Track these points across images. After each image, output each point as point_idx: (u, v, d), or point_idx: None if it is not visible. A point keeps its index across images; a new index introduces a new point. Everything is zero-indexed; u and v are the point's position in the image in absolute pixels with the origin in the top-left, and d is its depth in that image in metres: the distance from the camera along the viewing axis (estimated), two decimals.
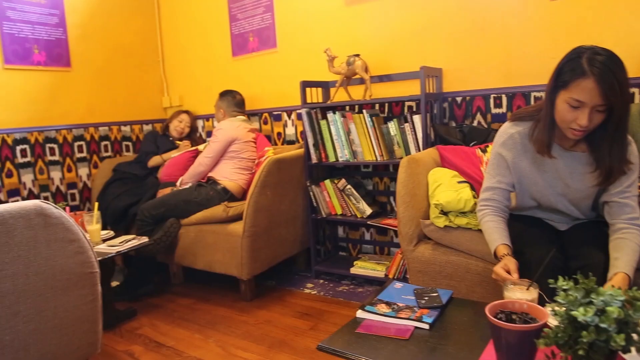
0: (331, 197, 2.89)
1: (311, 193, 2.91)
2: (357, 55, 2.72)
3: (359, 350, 1.26)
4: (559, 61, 1.45)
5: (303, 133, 2.85)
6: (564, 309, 1.01)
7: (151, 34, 3.99)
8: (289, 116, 3.33)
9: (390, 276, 2.69)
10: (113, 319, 2.54)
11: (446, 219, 1.91)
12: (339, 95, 2.95)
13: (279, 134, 3.42)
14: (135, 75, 3.87)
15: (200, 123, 3.87)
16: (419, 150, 2.49)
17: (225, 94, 3.24)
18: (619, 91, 1.34)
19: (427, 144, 2.51)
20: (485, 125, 2.57)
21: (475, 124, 2.62)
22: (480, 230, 1.88)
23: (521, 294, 1.26)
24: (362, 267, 2.83)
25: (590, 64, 1.35)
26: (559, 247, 1.64)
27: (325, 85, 3.04)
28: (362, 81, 2.74)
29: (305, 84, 2.87)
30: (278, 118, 3.39)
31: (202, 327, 2.47)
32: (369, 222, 2.68)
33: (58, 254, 1.57)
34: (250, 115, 3.51)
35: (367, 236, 3.12)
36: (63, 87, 3.38)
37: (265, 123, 3.46)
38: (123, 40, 3.76)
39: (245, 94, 3.34)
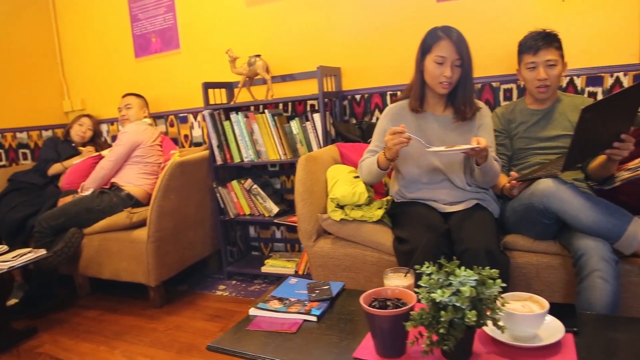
0: (239, 197, 2.89)
1: (218, 194, 2.89)
2: (258, 55, 2.75)
3: (247, 347, 1.28)
4: (422, 39, 1.88)
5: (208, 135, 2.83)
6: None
7: (47, 34, 3.77)
8: (195, 118, 3.29)
9: (300, 272, 2.73)
10: (10, 339, 2.39)
11: (342, 213, 1.98)
12: (243, 96, 2.96)
13: (185, 136, 3.36)
14: (31, 78, 3.64)
15: (104, 127, 3.73)
16: (322, 148, 2.56)
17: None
18: (466, 50, 1.81)
19: (328, 141, 2.58)
20: None
21: (374, 120, 2.73)
22: (374, 222, 1.98)
23: (399, 281, 1.34)
24: (273, 266, 2.86)
25: (444, 32, 1.82)
26: (444, 232, 1.77)
27: (229, 86, 3.04)
28: (265, 81, 2.76)
29: (208, 85, 2.85)
30: (184, 120, 3.34)
31: (108, 339, 2.39)
32: (275, 221, 2.71)
33: None
34: (156, 118, 3.42)
35: (278, 234, 3.15)
36: None
37: (172, 125, 3.40)
38: (14, 39, 3.52)
39: (150, 96, 3.26)
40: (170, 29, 3.28)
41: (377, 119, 2.72)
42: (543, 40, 1.89)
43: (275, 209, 2.77)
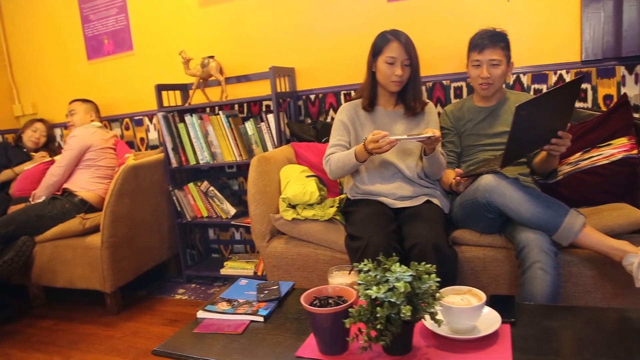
0: (196, 200, 2.86)
1: (174, 197, 2.86)
2: (212, 56, 2.73)
3: (191, 350, 1.28)
4: (372, 42, 1.98)
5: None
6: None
7: None
8: (151, 121, 3.24)
9: (259, 273, 2.73)
10: None
11: (294, 212, 1.98)
12: (198, 98, 2.93)
13: (141, 139, 3.31)
14: None
15: (58, 131, 3.63)
16: (276, 148, 2.56)
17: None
18: (414, 51, 1.93)
19: (283, 141, 2.59)
20: None
21: (328, 120, 2.74)
22: (327, 221, 1.99)
23: (342, 279, 1.36)
24: (232, 267, 2.85)
25: (393, 35, 1.93)
26: (395, 228, 1.80)
27: (184, 88, 3.00)
28: (220, 82, 2.74)
29: (161, 87, 2.81)
30: (140, 123, 3.28)
31: (62, 349, 2.34)
32: (233, 222, 2.70)
33: None
34: (111, 121, 3.36)
35: (238, 236, 3.13)
36: None
37: (127, 129, 3.34)
38: None
39: (104, 99, 3.21)
40: (122, 30, 3.23)
41: (332, 118, 2.74)
42: (489, 40, 1.93)
43: (232, 211, 2.76)
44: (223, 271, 2.86)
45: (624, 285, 1.52)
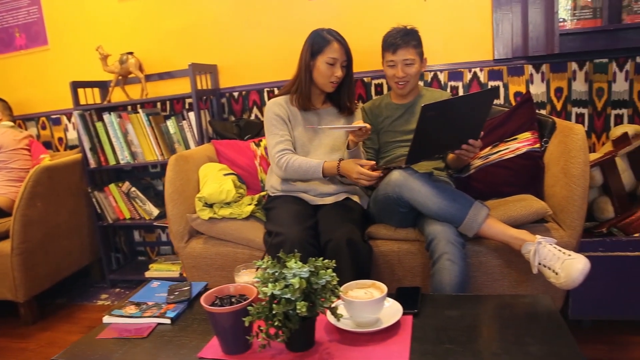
0: (117, 201, 2.76)
1: (94, 199, 2.74)
2: (131, 53, 2.64)
3: (91, 357, 1.23)
4: (306, 41, 1.97)
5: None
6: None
7: None
8: (69, 119, 3.09)
9: (185, 275, 2.66)
10: None
11: (211, 211, 1.95)
12: (118, 96, 2.82)
13: (60, 139, 3.15)
14: None
15: None
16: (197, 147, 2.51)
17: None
18: (350, 51, 1.96)
19: (206, 139, 2.54)
20: (262, 119, 2.68)
21: (252, 117, 2.72)
22: (245, 219, 1.98)
23: (248, 277, 1.34)
24: (158, 270, 2.77)
25: (332, 35, 1.94)
26: (313, 224, 1.81)
27: (103, 85, 2.89)
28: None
29: (77, 85, 2.69)
30: (57, 122, 3.13)
31: None
32: (155, 224, 2.63)
33: None
34: (25, 120, 3.18)
35: (164, 237, 3.05)
36: None
37: (44, 128, 3.17)
38: None
39: (17, 96, 3.03)
40: (36, 23, 3.05)
41: (256, 116, 2.72)
42: (401, 40, 1.97)
43: (155, 212, 2.69)
44: (148, 274, 2.77)
45: (528, 272, 1.59)
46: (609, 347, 1.82)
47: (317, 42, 1.93)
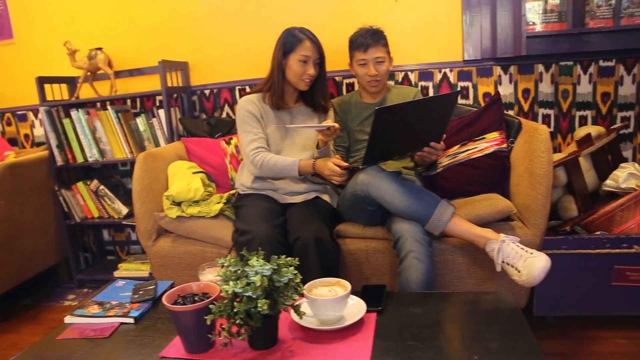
0: (86, 200, 2.71)
1: (61, 198, 2.69)
2: (100, 48, 2.59)
3: (51, 358, 1.20)
4: (278, 40, 1.96)
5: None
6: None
7: None
8: (36, 116, 3.02)
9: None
10: None
11: (179, 210, 1.93)
12: (87, 92, 2.77)
13: (26, 135, 3.08)
14: None
15: None
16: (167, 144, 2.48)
17: None
18: (323, 49, 1.96)
19: (176, 137, 2.52)
20: (233, 117, 2.66)
21: (224, 115, 2.70)
22: (213, 217, 1.97)
23: (212, 275, 1.34)
24: (127, 269, 2.73)
25: (305, 33, 1.93)
26: (282, 223, 1.81)
27: (71, 81, 2.83)
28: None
29: (43, 80, 2.63)
30: (23, 118, 3.05)
31: None
32: (124, 222, 2.59)
33: None
34: None
35: (134, 236, 3.01)
36: None
37: (9, 124, 3.09)
38: None
39: None
40: (0, 16, 2.98)
41: (228, 114, 2.70)
42: (372, 38, 1.99)
43: (124, 210, 2.64)
44: (117, 273, 2.73)
45: (494, 270, 1.62)
46: (573, 342, 1.86)
47: (289, 40, 1.93)
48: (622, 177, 1.99)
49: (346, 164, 1.74)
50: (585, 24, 2.19)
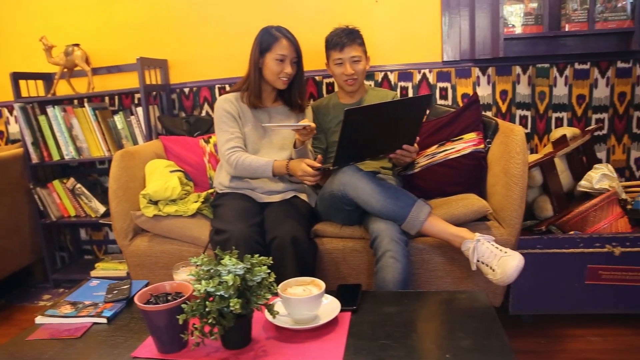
0: (62, 198, 2.67)
1: (36, 196, 2.64)
2: (77, 44, 2.56)
3: (21, 358, 1.18)
4: (255, 39, 1.95)
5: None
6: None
7: None
8: (11, 112, 2.97)
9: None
10: None
11: (155, 208, 1.91)
12: (64, 89, 2.73)
13: (0, 132, 3.02)
14: None
15: None
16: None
17: None
18: (300, 48, 1.95)
19: (154, 135, 2.49)
20: (212, 115, 2.64)
21: (203, 114, 2.69)
22: (191, 216, 1.95)
23: (186, 275, 1.32)
24: (104, 269, 2.70)
25: (281, 32, 1.92)
26: (259, 222, 1.80)
27: (48, 78, 2.78)
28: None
29: (18, 76, 2.58)
30: None
31: None
32: (100, 221, 2.55)
33: None
34: None
35: (111, 236, 2.97)
36: None
37: None
38: None
39: None
40: None
41: (207, 112, 2.69)
42: (347, 38, 2.00)
43: (102, 209, 2.61)
44: (93, 273, 2.69)
45: (470, 269, 1.63)
46: (548, 340, 1.89)
47: (266, 39, 1.92)
48: (596, 177, 2.03)
49: (319, 165, 1.74)
50: (561, 27, 2.23)
